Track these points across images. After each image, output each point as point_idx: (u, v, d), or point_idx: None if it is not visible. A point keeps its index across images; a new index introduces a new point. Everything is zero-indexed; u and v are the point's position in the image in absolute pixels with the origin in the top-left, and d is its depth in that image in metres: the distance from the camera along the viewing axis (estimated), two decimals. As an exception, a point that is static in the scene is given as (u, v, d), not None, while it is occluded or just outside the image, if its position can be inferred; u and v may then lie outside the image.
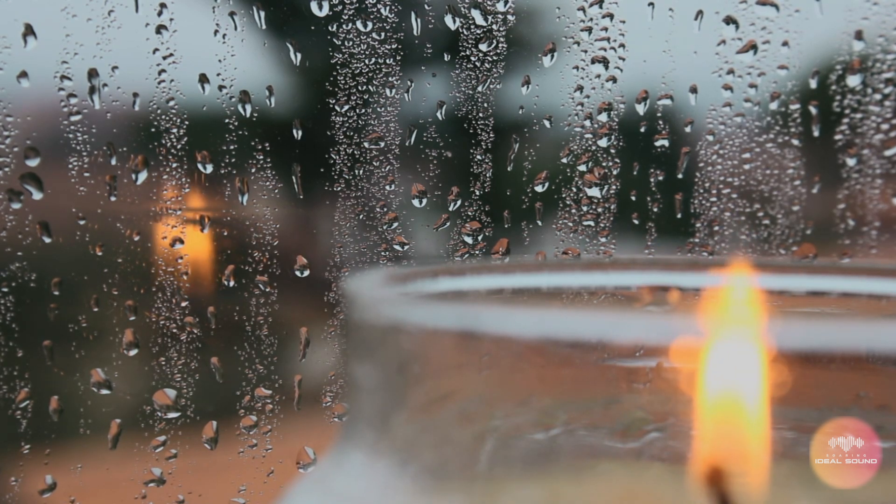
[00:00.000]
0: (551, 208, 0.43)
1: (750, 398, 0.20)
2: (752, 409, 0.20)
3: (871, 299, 0.27)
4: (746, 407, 0.20)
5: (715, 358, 0.19)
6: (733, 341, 0.19)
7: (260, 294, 0.42)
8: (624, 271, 0.28)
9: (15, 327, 0.40)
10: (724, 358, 0.19)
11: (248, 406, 0.43)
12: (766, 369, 0.19)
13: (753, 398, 0.20)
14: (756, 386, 0.20)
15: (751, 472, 0.20)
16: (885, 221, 0.42)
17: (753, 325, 0.18)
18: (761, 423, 0.20)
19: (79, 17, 0.39)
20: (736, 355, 0.19)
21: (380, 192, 0.43)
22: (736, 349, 0.19)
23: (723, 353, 0.19)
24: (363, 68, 0.42)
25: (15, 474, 0.41)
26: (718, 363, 0.19)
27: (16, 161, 0.39)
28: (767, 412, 0.20)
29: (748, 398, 0.20)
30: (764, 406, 0.20)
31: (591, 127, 0.43)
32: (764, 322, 0.18)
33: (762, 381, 0.19)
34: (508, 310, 0.20)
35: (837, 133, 0.42)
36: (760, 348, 0.19)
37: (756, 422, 0.20)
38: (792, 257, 0.42)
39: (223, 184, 0.42)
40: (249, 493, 0.43)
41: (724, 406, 0.20)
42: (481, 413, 0.22)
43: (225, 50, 0.41)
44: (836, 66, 0.41)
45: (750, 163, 0.42)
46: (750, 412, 0.20)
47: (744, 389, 0.20)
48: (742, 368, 0.19)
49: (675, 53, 0.42)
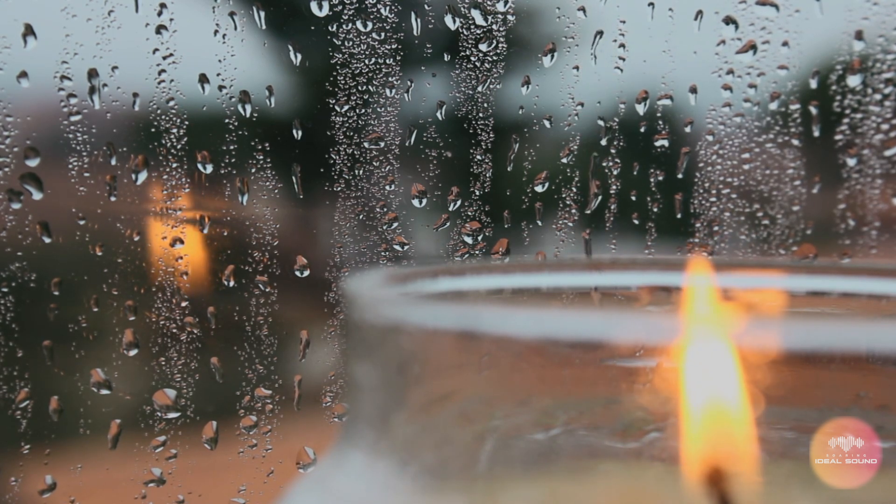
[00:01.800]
0: (551, 208, 0.43)
1: (750, 398, 0.20)
2: (751, 410, 0.20)
3: (871, 299, 0.27)
4: (746, 407, 0.20)
5: (715, 358, 0.19)
6: (733, 341, 0.19)
7: (260, 294, 0.42)
8: (624, 271, 0.28)
9: (15, 327, 0.40)
10: (724, 358, 0.19)
11: (248, 406, 0.43)
12: (765, 369, 0.19)
13: (753, 398, 0.20)
14: (756, 386, 0.20)
15: (751, 473, 0.20)
16: (886, 221, 0.42)
17: (753, 325, 0.18)
18: (761, 423, 0.20)
19: (79, 17, 0.39)
20: (735, 355, 0.19)
21: (380, 192, 0.43)
22: (736, 349, 0.19)
23: (722, 353, 0.19)
24: (363, 68, 0.42)
25: (15, 474, 0.41)
26: (718, 363, 0.19)
27: (16, 161, 0.39)
28: (767, 412, 0.20)
29: (748, 398, 0.20)
30: (763, 406, 0.20)
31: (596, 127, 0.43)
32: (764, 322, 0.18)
33: (762, 381, 0.19)
34: (508, 310, 0.20)
35: (837, 133, 0.42)
36: (761, 348, 0.19)
37: (756, 422, 0.20)
38: (792, 257, 0.42)
39: (223, 184, 0.42)
40: (249, 493, 0.43)
41: (723, 406, 0.20)
42: (481, 413, 0.22)
43: (225, 50, 0.41)
44: (836, 66, 0.41)
45: (750, 163, 0.42)
46: (750, 412, 0.20)
47: (744, 389, 0.20)
48: (742, 368, 0.19)
49: (675, 53, 0.42)
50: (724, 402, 0.20)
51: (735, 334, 0.19)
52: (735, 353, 0.19)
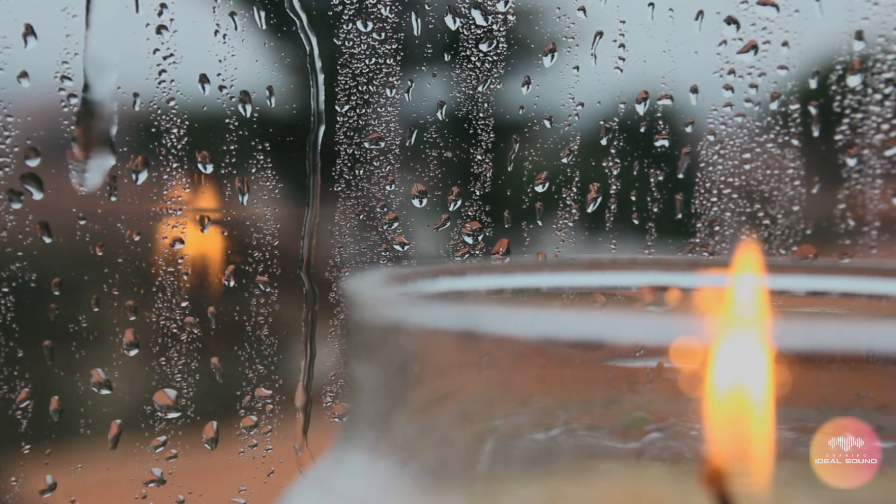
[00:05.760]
0: (551, 208, 0.43)
1: (750, 398, 0.20)
2: (752, 409, 0.20)
3: (871, 299, 0.27)
4: (746, 407, 0.20)
5: (715, 358, 0.19)
6: (733, 341, 0.19)
7: (260, 294, 0.42)
8: (624, 271, 0.28)
9: (15, 327, 0.40)
10: (724, 358, 0.19)
11: (248, 406, 0.43)
12: (766, 369, 0.19)
13: (754, 398, 0.20)
14: (756, 386, 0.20)
15: (751, 473, 0.20)
16: (886, 221, 0.42)
17: (754, 326, 0.18)
18: (761, 423, 0.20)
19: (79, 18, 0.39)
20: (736, 355, 0.19)
21: (380, 192, 0.43)
22: (736, 349, 0.19)
23: (723, 353, 0.19)
24: (363, 68, 0.42)
25: (15, 474, 0.41)
26: (718, 363, 0.19)
27: (16, 161, 0.39)
28: (767, 412, 0.20)
29: (748, 398, 0.20)
30: (764, 406, 0.20)
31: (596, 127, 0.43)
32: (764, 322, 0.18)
33: (762, 381, 0.19)
34: (508, 310, 0.20)
35: (838, 133, 0.42)
36: (761, 348, 0.19)
37: (756, 422, 0.20)
38: (792, 257, 0.42)
39: (223, 184, 0.42)
40: (249, 493, 0.43)
41: (724, 406, 0.20)
42: (481, 413, 0.22)
43: (225, 50, 0.41)
44: (837, 67, 0.41)
45: (750, 163, 0.42)
46: (750, 412, 0.20)
47: (744, 389, 0.20)
48: (742, 368, 0.19)
49: (676, 53, 0.42)
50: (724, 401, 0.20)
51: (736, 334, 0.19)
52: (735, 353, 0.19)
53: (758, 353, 0.19)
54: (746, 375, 0.19)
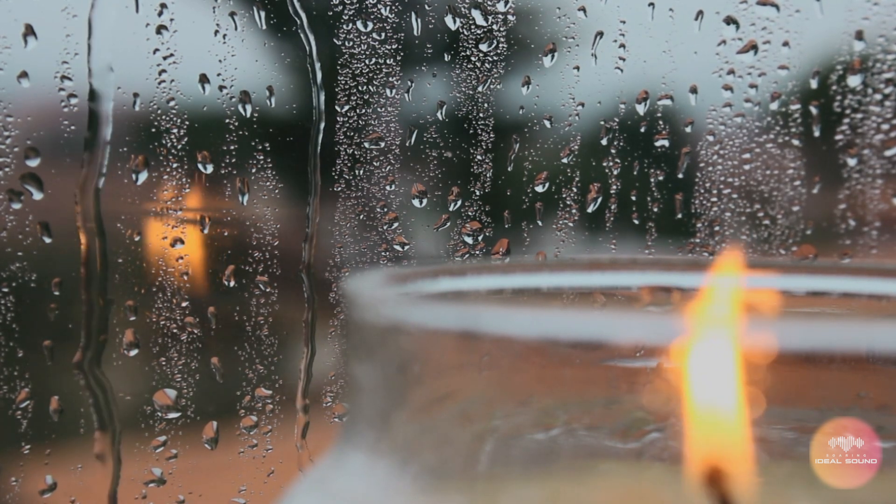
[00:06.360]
0: (551, 208, 0.43)
1: (750, 398, 0.20)
2: (752, 410, 0.20)
3: (871, 299, 0.27)
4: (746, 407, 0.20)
5: (715, 358, 0.19)
6: (733, 341, 0.19)
7: (260, 294, 0.42)
8: (624, 271, 0.28)
9: (15, 327, 0.40)
10: (724, 358, 0.19)
11: (248, 406, 0.43)
12: (766, 369, 0.19)
13: (753, 398, 0.20)
14: (756, 386, 0.20)
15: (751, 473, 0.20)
16: (886, 221, 0.42)
17: (754, 325, 0.18)
18: (761, 423, 0.20)
19: (79, 18, 0.39)
20: (736, 355, 0.19)
21: (380, 192, 0.43)
22: (736, 349, 0.19)
23: (723, 353, 0.19)
24: (363, 68, 0.42)
25: (15, 474, 0.41)
26: (718, 363, 0.19)
27: (16, 161, 0.39)
28: (767, 412, 0.20)
29: (748, 398, 0.20)
30: (764, 406, 0.20)
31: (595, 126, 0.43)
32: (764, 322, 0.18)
33: (762, 381, 0.19)
34: (508, 310, 0.20)
35: (838, 133, 0.42)
36: (761, 348, 0.19)
37: (756, 422, 0.20)
38: (792, 257, 0.42)
39: (223, 184, 0.42)
40: (249, 493, 0.43)
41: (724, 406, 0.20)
42: (481, 413, 0.22)
43: (225, 50, 0.41)
44: (837, 67, 0.41)
45: (750, 163, 0.42)
46: (750, 412, 0.20)
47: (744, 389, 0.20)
48: (742, 368, 0.19)
49: (676, 53, 0.42)
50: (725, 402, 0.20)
51: (735, 334, 0.19)
52: (735, 354, 0.19)
53: (758, 354, 0.19)
54: (746, 375, 0.19)
